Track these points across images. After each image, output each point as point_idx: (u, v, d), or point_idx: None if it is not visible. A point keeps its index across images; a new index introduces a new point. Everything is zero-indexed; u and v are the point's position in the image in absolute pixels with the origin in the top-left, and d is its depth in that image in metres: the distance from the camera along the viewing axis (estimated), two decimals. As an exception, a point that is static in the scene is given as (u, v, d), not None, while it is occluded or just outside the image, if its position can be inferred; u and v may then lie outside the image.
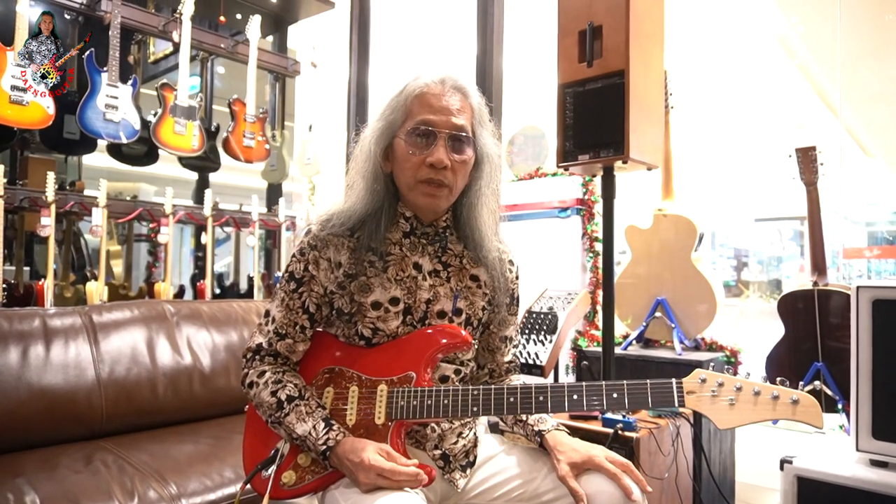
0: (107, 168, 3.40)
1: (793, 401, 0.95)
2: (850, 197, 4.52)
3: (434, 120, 1.12)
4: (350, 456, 1.02)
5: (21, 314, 1.92)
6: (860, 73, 3.85)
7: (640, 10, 1.84)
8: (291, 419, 1.08)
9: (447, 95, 1.14)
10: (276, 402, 1.10)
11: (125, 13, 2.89)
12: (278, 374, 1.14)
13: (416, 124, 1.12)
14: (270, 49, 3.93)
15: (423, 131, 1.12)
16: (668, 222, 2.47)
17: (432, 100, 1.13)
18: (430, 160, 1.11)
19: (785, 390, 0.96)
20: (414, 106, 1.14)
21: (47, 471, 1.56)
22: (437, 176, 1.12)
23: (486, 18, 3.15)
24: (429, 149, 1.11)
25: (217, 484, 1.63)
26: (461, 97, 1.15)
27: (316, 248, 1.16)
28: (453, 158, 1.12)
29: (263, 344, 1.17)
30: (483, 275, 1.22)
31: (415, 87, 1.14)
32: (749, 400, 0.97)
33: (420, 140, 1.12)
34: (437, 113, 1.12)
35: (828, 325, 2.16)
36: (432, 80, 1.15)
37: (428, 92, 1.13)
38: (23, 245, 3.16)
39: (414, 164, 1.12)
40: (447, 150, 1.12)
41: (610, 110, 1.81)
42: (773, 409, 0.95)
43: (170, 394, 2.06)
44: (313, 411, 1.09)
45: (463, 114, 1.14)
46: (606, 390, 1.03)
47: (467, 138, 1.14)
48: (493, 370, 1.30)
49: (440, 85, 1.14)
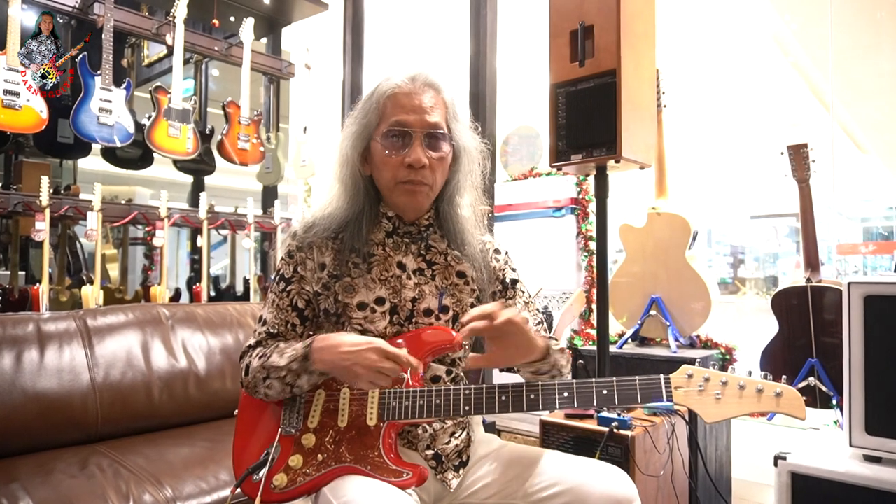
0: (102, 172, 3.39)
1: (776, 394, 0.97)
2: (845, 193, 4.54)
3: (408, 120, 1.12)
4: (332, 347, 1.03)
5: (15, 319, 1.92)
6: (853, 70, 3.87)
7: (632, 9, 1.84)
8: (274, 359, 1.09)
9: (419, 94, 1.14)
10: (261, 361, 1.11)
11: (118, 17, 2.89)
12: (268, 348, 1.15)
13: (390, 126, 1.13)
14: (264, 51, 3.93)
15: (399, 132, 1.12)
16: (662, 221, 2.47)
17: (404, 99, 1.13)
18: (409, 160, 1.11)
19: (769, 384, 0.98)
20: (387, 107, 1.14)
21: (42, 476, 1.56)
22: (416, 176, 1.12)
23: (479, 19, 3.16)
24: (406, 149, 1.12)
25: (212, 487, 1.63)
26: (433, 93, 1.16)
27: (301, 250, 1.17)
28: (430, 156, 1.13)
29: (253, 343, 1.19)
30: (469, 270, 1.23)
31: (386, 87, 1.15)
32: (735, 394, 0.99)
33: (396, 141, 1.12)
34: (411, 112, 1.12)
35: (821, 322, 2.17)
36: (403, 79, 1.15)
37: (399, 91, 1.14)
38: (18, 249, 3.15)
39: (392, 165, 1.13)
40: (423, 148, 1.12)
41: (602, 110, 1.81)
42: (758, 402, 0.98)
43: (165, 397, 2.06)
44: (291, 345, 1.10)
45: (436, 110, 1.15)
46: (596, 387, 1.04)
47: (443, 135, 1.15)
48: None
49: (411, 83, 1.15)
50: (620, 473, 1.14)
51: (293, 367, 1.07)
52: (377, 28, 3.95)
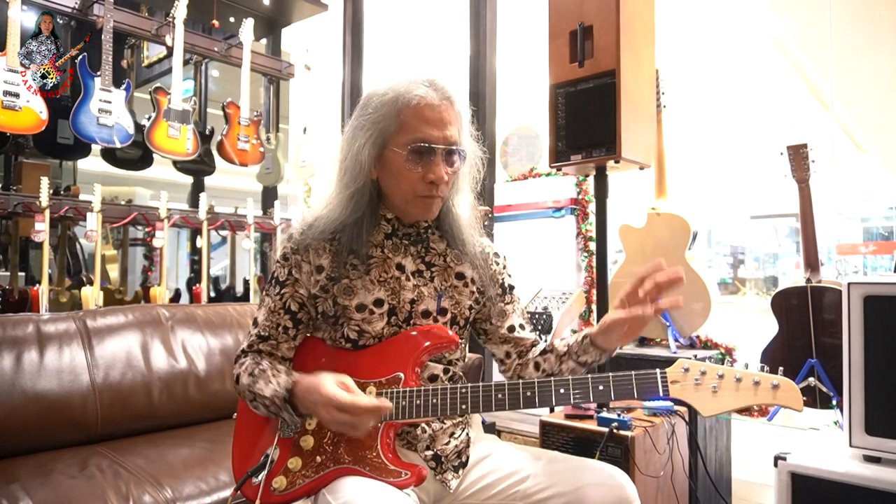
0: (101, 172, 3.39)
1: (773, 385, 0.96)
2: (845, 193, 4.54)
3: (433, 136, 1.11)
4: (309, 395, 1.03)
5: (15, 320, 1.92)
6: (853, 70, 3.87)
7: (631, 10, 1.84)
8: (260, 386, 1.09)
9: (443, 109, 1.12)
10: (250, 380, 1.11)
11: (118, 17, 2.89)
12: (257, 359, 1.15)
13: (415, 141, 1.11)
14: (264, 52, 3.93)
15: (424, 149, 1.11)
16: (661, 221, 2.47)
17: (429, 113, 1.11)
18: (431, 177, 1.11)
19: (765, 376, 0.97)
20: (410, 119, 1.11)
21: (42, 476, 1.56)
22: (435, 192, 1.13)
23: (479, 20, 3.16)
24: (427, 165, 1.11)
25: (212, 488, 1.63)
26: (449, 106, 1.14)
27: (298, 253, 1.16)
28: (447, 171, 1.13)
29: (245, 348, 1.19)
30: (469, 271, 1.23)
31: (410, 97, 1.11)
32: (731, 387, 0.98)
33: (418, 157, 1.11)
34: (435, 128, 1.11)
35: (821, 322, 2.17)
36: (427, 90, 1.11)
37: (425, 105, 1.11)
38: (17, 250, 3.15)
39: (412, 179, 1.12)
40: (444, 165, 1.12)
41: (601, 110, 1.81)
42: (755, 395, 0.97)
43: (165, 398, 2.06)
44: (279, 373, 1.10)
45: (455, 125, 1.14)
46: (592, 383, 1.04)
47: (460, 151, 1.15)
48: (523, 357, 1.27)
49: (434, 94, 1.12)
50: (620, 474, 1.14)
51: (276, 401, 1.07)
52: (377, 29, 3.95)
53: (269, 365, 1.13)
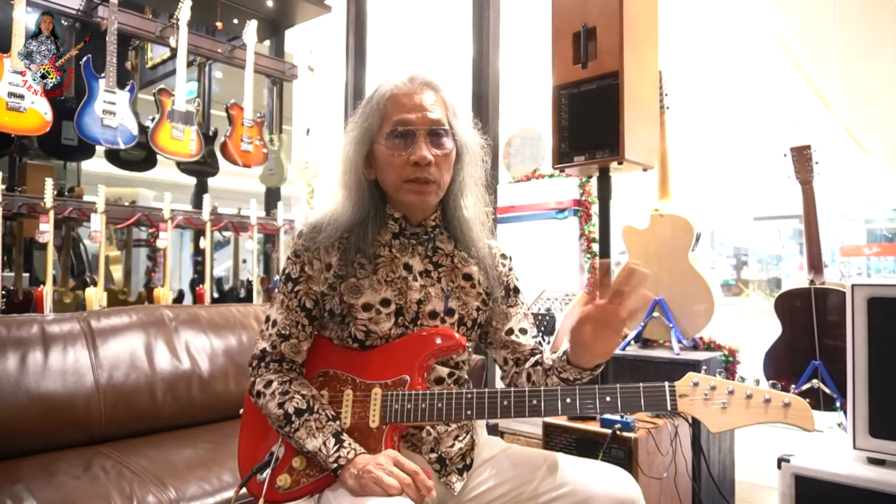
0: (105, 173, 3.40)
1: (784, 404, 0.94)
2: (849, 194, 4.53)
3: (410, 118, 1.12)
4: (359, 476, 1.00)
5: (19, 321, 1.92)
6: (856, 71, 3.86)
7: (634, 11, 1.85)
8: (301, 434, 1.07)
9: (419, 92, 1.14)
10: (283, 415, 1.09)
11: (122, 19, 2.90)
12: (285, 385, 1.12)
13: (393, 126, 1.13)
14: (267, 53, 3.94)
15: (402, 132, 1.12)
16: (664, 222, 2.47)
17: (404, 99, 1.13)
18: (414, 158, 1.11)
19: (777, 394, 0.96)
20: (387, 108, 1.14)
21: (46, 477, 1.57)
22: (422, 174, 1.12)
23: (482, 21, 3.16)
24: (410, 148, 1.12)
25: (216, 488, 1.63)
26: (432, 92, 1.16)
27: (308, 250, 1.17)
28: (435, 153, 1.13)
29: (268, 348, 1.17)
30: (476, 272, 1.22)
31: (385, 90, 1.15)
32: (741, 403, 0.97)
33: (399, 141, 1.12)
34: (412, 111, 1.13)
35: (825, 324, 2.16)
36: (401, 80, 1.16)
37: (399, 92, 1.14)
38: (22, 251, 3.16)
39: (397, 165, 1.13)
40: (428, 146, 1.12)
41: (605, 111, 1.82)
42: (765, 413, 0.95)
43: (168, 399, 2.06)
44: (323, 426, 1.07)
45: (437, 108, 1.15)
46: (599, 394, 1.03)
47: (445, 131, 1.15)
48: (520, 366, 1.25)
49: (410, 83, 1.15)
50: (625, 475, 1.14)
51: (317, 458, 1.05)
52: (380, 30, 3.96)
53: (303, 400, 1.09)
